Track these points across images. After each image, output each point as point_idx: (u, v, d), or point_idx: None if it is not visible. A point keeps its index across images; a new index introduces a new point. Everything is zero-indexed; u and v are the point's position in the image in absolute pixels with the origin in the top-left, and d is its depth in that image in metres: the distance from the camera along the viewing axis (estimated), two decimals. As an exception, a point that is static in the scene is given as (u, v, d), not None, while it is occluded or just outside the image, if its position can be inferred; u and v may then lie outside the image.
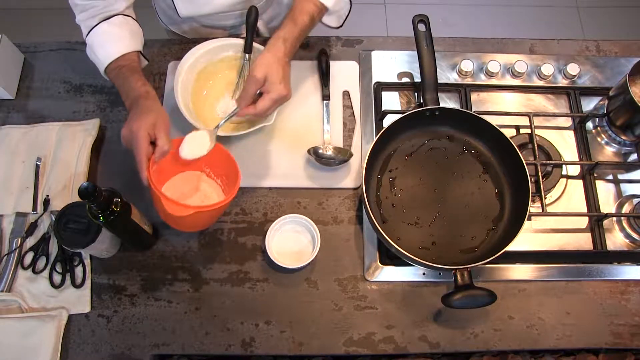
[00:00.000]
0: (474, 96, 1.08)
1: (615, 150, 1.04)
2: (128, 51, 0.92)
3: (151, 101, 0.86)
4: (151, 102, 0.85)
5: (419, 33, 0.98)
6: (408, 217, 0.93)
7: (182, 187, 0.94)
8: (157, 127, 0.82)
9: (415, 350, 0.89)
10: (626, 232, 0.97)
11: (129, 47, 0.92)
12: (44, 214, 0.95)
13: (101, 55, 0.92)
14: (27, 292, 0.91)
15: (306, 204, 0.98)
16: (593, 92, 1.09)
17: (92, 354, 0.87)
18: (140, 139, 0.79)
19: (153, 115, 0.82)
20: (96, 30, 0.91)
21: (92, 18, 0.92)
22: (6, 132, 1.02)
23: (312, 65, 1.10)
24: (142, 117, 0.81)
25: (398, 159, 0.98)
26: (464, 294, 0.82)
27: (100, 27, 0.91)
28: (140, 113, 0.82)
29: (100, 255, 0.92)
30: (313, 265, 0.93)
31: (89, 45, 0.93)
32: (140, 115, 0.81)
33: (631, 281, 0.93)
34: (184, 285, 0.92)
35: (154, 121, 0.81)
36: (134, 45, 0.94)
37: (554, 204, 0.99)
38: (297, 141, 1.02)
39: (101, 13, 0.92)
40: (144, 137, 0.80)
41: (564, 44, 1.16)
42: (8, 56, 1.06)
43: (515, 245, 0.83)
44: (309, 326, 0.90)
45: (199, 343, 0.88)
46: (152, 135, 0.82)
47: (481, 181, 0.96)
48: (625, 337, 0.90)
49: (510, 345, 0.89)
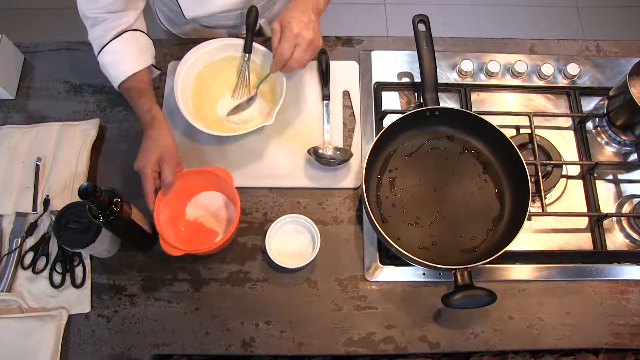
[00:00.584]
0: (474, 96, 1.08)
1: (615, 150, 1.04)
2: (135, 71, 0.93)
3: (156, 131, 0.88)
4: (156, 132, 0.88)
5: (419, 33, 0.98)
6: (408, 217, 0.93)
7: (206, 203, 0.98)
8: (162, 160, 0.87)
9: (415, 350, 0.89)
10: (626, 232, 0.97)
11: (135, 67, 0.93)
12: (44, 214, 0.95)
13: (112, 76, 0.94)
14: (27, 292, 0.91)
15: (306, 204, 0.98)
16: (593, 92, 1.09)
17: (92, 354, 0.87)
18: (145, 177, 0.86)
19: (157, 150, 0.86)
20: (106, 49, 0.93)
21: (103, 36, 0.92)
22: (6, 132, 1.02)
23: (312, 65, 1.10)
24: (147, 153, 0.86)
25: (398, 159, 0.98)
26: (464, 294, 0.82)
27: (111, 46, 0.92)
28: (147, 149, 0.87)
29: (100, 255, 0.92)
30: (313, 265, 0.93)
31: (101, 65, 0.95)
32: (146, 150, 0.87)
33: (631, 281, 0.93)
34: (184, 285, 0.92)
35: (158, 157, 0.86)
36: (142, 63, 0.95)
37: (554, 204, 0.99)
38: (297, 141, 1.02)
39: (112, 29, 0.92)
40: (149, 175, 0.86)
41: (564, 44, 1.16)
42: (8, 56, 1.06)
43: (515, 245, 0.83)
44: (309, 326, 0.90)
45: (199, 343, 0.88)
46: (158, 169, 0.87)
47: (481, 181, 0.96)
48: (625, 337, 0.90)
49: (510, 345, 0.89)
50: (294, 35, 0.88)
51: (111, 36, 0.92)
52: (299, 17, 0.88)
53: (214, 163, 0.99)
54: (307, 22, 0.89)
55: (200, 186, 0.96)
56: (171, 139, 0.89)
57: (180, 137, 1.02)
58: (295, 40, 0.88)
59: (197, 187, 0.96)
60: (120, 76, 0.93)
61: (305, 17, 0.89)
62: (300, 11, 0.89)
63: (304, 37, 0.88)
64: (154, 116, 0.90)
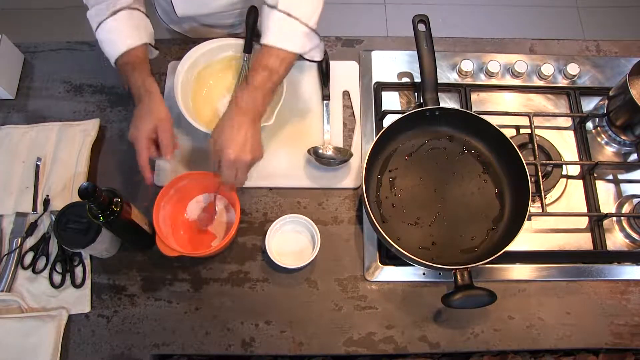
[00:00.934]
0: (474, 96, 1.08)
1: (615, 150, 1.04)
2: (129, 47, 0.92)
3: (150, 102, 0.87)
4: (150, 103, 0.87)
5: (419, 33, 0.98)
6: (408, 217, 0.93)
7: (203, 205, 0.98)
8: (157, 129, 0.86)
9: (415, 350, 0.89)
10: (626, 232, 0.97)
11: (130, 44, 0.92)
12: (44, 214, 0.95)
13: (108, 53, 0.93)
14: (27, 292, 0.91)
15: (306, 204, 0.98)
16: (593, 92, 1.09)
17: (92, 354, 0.87)
18: (140, 147, 0.85)
19: (151, 120, 0.86)
20: (103, 26, 0.92)
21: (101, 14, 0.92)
22: (6, 132, 1.02)
23: (312, 65, 1.10)
24: (141, 123, 0.86)
25: (398, 159, 0.98)
26: (464, 294, 0.82)
27: (107, 24, 0.92)
28: (140, 117, 0.86)
29: (100, 255, 0.92)
30: (313, 265, 0.93)
31: (99, 41, 0.94)
32: (140, 120, 0.86)
33: (631, 281, 0.93)
34: (184, 285, 0.92)
35: (153, 126, 0.86)
36: (137, 40, 0.93)
37: (554, 204, 0.99)
38: (297, 141, 1.02)
39: (110, 7, 0.92)
40: (144, 145, 0.85)
41: (564, 44, 1.16)
42: (8, 56, 1.06)
43: (515, 245, 0.83)
44: (309, 326, 0.90)
45: (199, 343, 0.88)
46: (155, 138, 0.86)
47: (481, 181, 0.96)
48: (625, 337, 0.90)
49: (510, 345, 0.89)
50: (232, 162, 0.84)
51: (109, 13, 0.91)
52: (234, 138, 0.83)
53: (214, 163, 0.99)
54: (242, 142, 0.83)
55: (201, 188, 0.96)
56: (165, 109, 0.88)
57: (180, 137, 1.02)
58: (235, 165, 0.85)
59: (198, 189, 0.96)
60: (116, 52, 0.91)
61: (240, 137, 0.83)
62: (235, 129, 0.83)
63: (243, 161, 0.84)
64: (147, 89, 0.88)
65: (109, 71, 1.09)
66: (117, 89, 1.08)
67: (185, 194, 0.95)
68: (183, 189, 0.92)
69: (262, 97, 0.85)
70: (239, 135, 0.83)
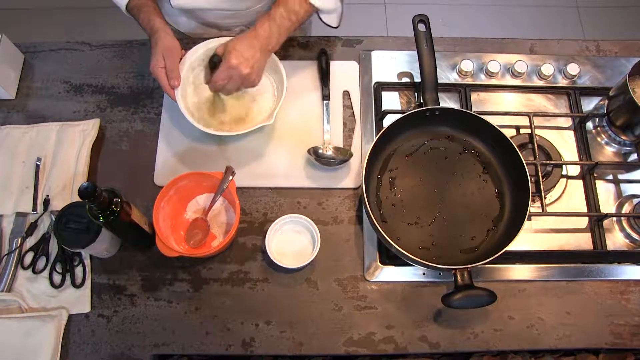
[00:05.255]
0: (474, 96, 1.08)
1: (615, 150, 1.04)
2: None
3: (156, 36, 0.93)
4: (156, 37, 0.93)
5: (419, 33, 0.98)
6: (408, 217, 0.93)
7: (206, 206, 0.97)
8: (165, 57, 0.93)
9: (415, 350, 0.89)
10: (626, 232, 0.97)
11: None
12: (44, 214, 0.95)
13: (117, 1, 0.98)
14: (27, 292, 0.91)
15: (306, 204, 0.98)
16: (593, 92, 1.09)
17: (92, 354, 0.87)
18: (158, 77, 0.93)
19: (159, 51, 0.92)
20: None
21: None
22: (6, 132, 1.02)
23: (312, 65, 1.10)
24: (154, 57, 0.93)
25: (398, 159, 0.98)
26: (464, 294, 0.82)
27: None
28: (153, 53, 0.93)
29: (100, 255, 0.92)
30: (313, 265, 0.93)
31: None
32: (153, 55, 0.93)
33: (631, 281, 0.93)
34: (184, 285, 0.92)
35: (162, 56, 0.92)
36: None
37: (554, 204, 0.99)
38: (297, 141, 1.02)
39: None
40: (161, 74, 0.93)
41: (564, 44, 1.16)
42: (8, 56, 1.06)
43: (515, 245, 0.83)
44: (309, 326, 0.90)
45: (199, 343, 0.88)
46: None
47: (481, 181, 0.96)
48: (625, 337, 0.90)
49: (510, 345, 0.89)
50: (230, 67, 0.89)
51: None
52: (242, 50, 0.89)
53: (214, 163, 0.99)
54: (247, 57, 0.89)
55: (202, 188, 0.96)
56: (170, 38, 0.94)
57: (180, 137, 1.02)
58: (230, 72, 0.90)
59: (199, 189, 0.96)
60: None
61: (247, 52, 0.89)
62: (246, 45, 0.90)
63: (240, 72, 0.90)
64: (152, 26, 0.94)
65: (109, 71, 1.10)
66: (117, 89, 1.08)
67: (185, 194, 0.95)
68: (183, 189, 0.92)
69: (278, 32, 0.92)
70: (247, 52, 0.89)
